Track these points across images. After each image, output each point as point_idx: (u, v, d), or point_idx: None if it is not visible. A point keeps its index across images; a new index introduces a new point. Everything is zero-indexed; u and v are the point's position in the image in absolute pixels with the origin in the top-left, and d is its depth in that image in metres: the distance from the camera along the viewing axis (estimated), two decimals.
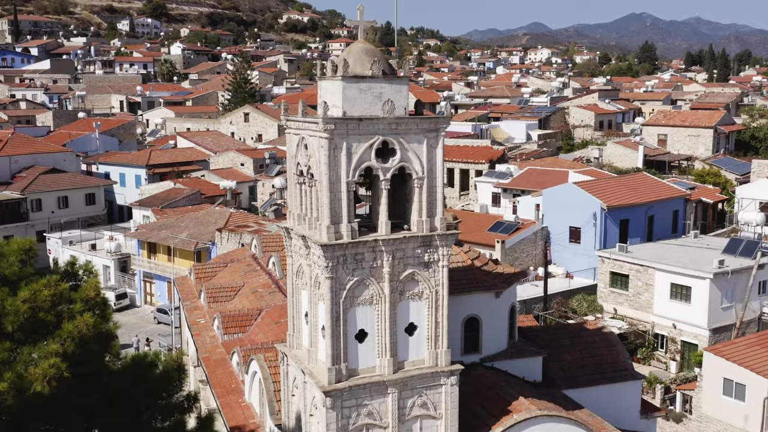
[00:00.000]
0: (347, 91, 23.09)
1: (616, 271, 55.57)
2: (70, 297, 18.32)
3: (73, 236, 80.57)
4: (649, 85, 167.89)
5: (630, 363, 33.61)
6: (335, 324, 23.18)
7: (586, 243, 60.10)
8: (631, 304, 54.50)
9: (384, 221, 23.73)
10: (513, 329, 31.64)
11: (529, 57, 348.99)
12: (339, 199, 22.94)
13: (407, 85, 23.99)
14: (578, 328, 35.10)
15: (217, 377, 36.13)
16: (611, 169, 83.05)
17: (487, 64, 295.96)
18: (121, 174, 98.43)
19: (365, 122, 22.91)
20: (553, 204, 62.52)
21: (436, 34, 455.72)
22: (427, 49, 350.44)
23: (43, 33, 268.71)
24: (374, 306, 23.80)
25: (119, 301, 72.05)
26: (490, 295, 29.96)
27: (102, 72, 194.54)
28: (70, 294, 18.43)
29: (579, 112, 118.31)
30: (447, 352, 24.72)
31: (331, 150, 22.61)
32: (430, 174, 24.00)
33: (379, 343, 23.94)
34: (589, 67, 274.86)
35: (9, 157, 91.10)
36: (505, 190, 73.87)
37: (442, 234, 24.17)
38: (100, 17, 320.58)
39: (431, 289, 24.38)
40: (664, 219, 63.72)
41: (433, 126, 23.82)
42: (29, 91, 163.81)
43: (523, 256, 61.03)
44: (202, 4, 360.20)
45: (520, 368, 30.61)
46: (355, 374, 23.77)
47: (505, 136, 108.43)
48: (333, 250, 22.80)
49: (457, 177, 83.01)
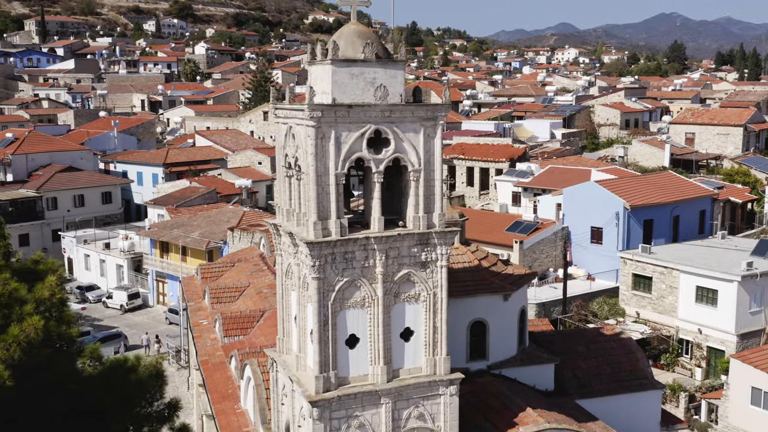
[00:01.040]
0: (337, 76, 21.30)
1: (639, 273, 53.26)
2: (23, 298, 16.69)
3: (88, 235, 79.63)
4: (677, 84, 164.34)
5: (650, 371, 31.50)
6: (323, 328, 21.39)
7: (608, 244, 57.82)
8: (655, 308, 52.16)
9: (376, 217, 21.90)
10: (523, 334, 29.69)
11: (556, 57, 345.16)
12: (327, 192, 21.14)
13: (403, 70, 22.12)
14: (594, 334, 33.02)
15: (215, 382, 34.55)
16: (636, 169, 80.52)
17: (514, 64, 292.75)
18: (138, 172, 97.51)
19: (355, 109, 21.09)
20: (574, 203, 60.30)
21: (462, 34, 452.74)
22: (453, 49, 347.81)
23: (70, 34, 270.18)
24: (366, 309, 21.98)
25: (131, 301, 70.97)
26: (498, 297, 28.05)
27: (125, 72, 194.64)
28: (23, 294, 16.80)
29: (604, 111, 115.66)
30: (446, 360, 22.84)
31: (318, 139, 20.83)
32: (428, 166, 22.13)
33: (372, 350, 22.12)
34: (617, 67, 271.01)
35: (26, 155, 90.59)
36: (526, 190, 71.71)
37: (440, 231, 22.28)
38: (126, 18, 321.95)
39: (429, 291, 22.51)
40: (690, 219, 61.22)
41: (430, 114, 21.92)
42: (53, 90, 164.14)
43: (543, 257, 58.88)
44: (228, 5, 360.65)
45: (531, 376, 28.66)
46: (345, 383, 21.96)
47: (529, 135, 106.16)
48: (320, 248, 21.02)
49: (477, 176, 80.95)
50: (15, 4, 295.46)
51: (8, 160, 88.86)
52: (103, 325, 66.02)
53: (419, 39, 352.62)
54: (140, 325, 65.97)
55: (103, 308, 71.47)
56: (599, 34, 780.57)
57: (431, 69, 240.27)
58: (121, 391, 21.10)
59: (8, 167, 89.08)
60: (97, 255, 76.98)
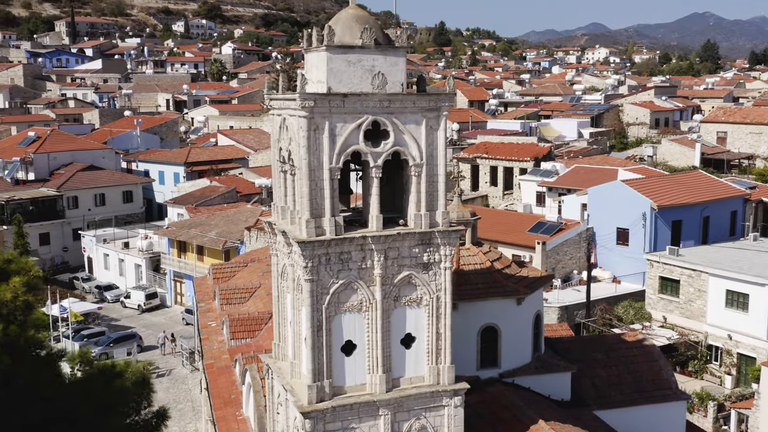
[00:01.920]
0: (333, 64, 19.84)
1: (666, 276, 51.22)
2: None
3: (107, 234, 79.05)
4: (709, 83, 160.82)
5: (674, 380, 29.64)
6: (317, 334, 19.95)
7: (634, 245, 55.80)
8: (683, 312, 50.10)
9: (374, 215, 20.40)
10: (538, 340, 28.05)
11: (586, 56, 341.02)
12: (321, 188, 19.69)
13: (404, 57, 20.59)
14: (615, 340, 31.19)
15: (218, 386, 33.27)
16: (666, 168, 78.23)
17: (543, 63, 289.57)
18: (160, 171, 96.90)
19: (351, 99, 19.60)
20: (599, 203, 58.34)
21: (492, 35, 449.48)
22: (482, 49, 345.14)
23: (100, 34, 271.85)
24: (364, 313, 20.50)
25: (149, 301, 70.22)
26: (511, 301, 26.48)
27: (152, 72, 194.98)
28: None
29: (634, 110, 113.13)
30: (450, 368, 21.28)
31: (310, 131, 19.38)
32: (430, 160, 20.59)
33: (370, 357, 20.63)
34: (648, 66, 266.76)
35: (47, 154, 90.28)
36: (550, 189, 69.75)
37: (444, 231, 20.72)
38: (156, 19, 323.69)
39: (431, 294, 20.98)
40: (720, 220, 58.96)
41: (433, 104, 20.37)
42: (80, 90, 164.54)
43: (566, 258, 57.02)
44: (256, 6, 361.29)
45: (546, 385, 27.01)
46: (341, 392, 20.50)
47: (555, 134, 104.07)
48: (313, 247, 19.57)
49: (501, 175, 79.17)
50: (46, 6, 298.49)
51: (30, 158, 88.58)
52: (119, 326, 65.32)
53: (447, 39, 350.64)
54: (157, 325, 65.16)
55: (121, 308, 70.83)
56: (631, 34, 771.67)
57: (459, 69, 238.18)
58: (102, 399, 19.82)
59: (30, 166, 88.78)
60: (116, 254, 76.36)
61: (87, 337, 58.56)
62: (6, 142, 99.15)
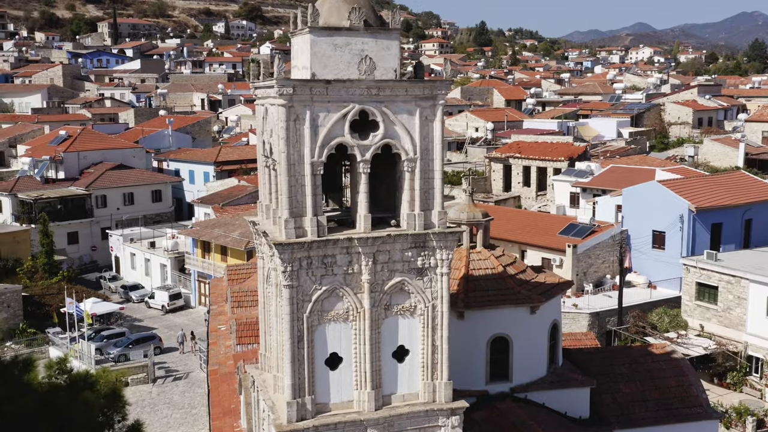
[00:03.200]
0: (317, 47, 17.94)
1: (703, 282, 48.41)
2: None
3: (134, 233, 78.31)
4: (756, 82, 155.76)
5: (705, 397, 27.18)
6: (297, 345, 18.07)
7: (671, 249, 53.04)
8: (721, 321, 47.29)
9: (362, 214, 18.44)
10: (555, 352, 25.87)
11: (630, 56, 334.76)
12: (301, 185, 17.79)
13: (398, 41, 18.60)
14: (641, 352, 28.78)
15: (219, 394, 31.71)
16: (707, 169, 75.00)
17: (585, 63, 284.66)
18: (190, 171, 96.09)
19: (335, 85, 17.67)
20: (634, 205, 55.65)
21: (534, 35, 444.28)
22: (523, 48, 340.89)
23: (141, 35, 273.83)
24: (351, 323, 18.58)
25: (173, 302, 69.16)
26: (524, 309, 24.37)
27: (190, 72, 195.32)
28: None
29: (676, 109, 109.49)
30: (447, 385, 19.25)
31: (289, 121, 17.51)
32: (425, 155, 18.58)
33: (357, 372, 18.69)
34: (693, 66, 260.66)
35: (78, 152, 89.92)
36: (585, 190, 67.10)
37: (440, 233, 18.68)
38: (197, 20, 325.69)
39: (427, 302, 18.97)
40: (764, 223, 55.80)
41: (428, 92, 18.35)
42: (117, 90, 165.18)
43: (599, 262, 54.45)
44: (296, 7, 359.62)
45: (562, 401, 24.84)
46: (325, 410, 18.59)
47: (594, 134, 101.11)
48: (292, 250, 17.70)
49: (534, 175, 76.60)
50: (89, 7, 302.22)
51: (60, 157, 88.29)
52: (142, 326, 64.26)
53: (488, 39, 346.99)
54: (180, 326, 63.97)
55: (146, 308, 69.87)
56: (677, 34, 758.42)
57: (498, 68, 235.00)
58: (66, 413, 18.18)
59: (60, 165, 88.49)
60: (142, 254, 75.53)
61: (107, 338, 57.62)
62: (37, 141, 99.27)
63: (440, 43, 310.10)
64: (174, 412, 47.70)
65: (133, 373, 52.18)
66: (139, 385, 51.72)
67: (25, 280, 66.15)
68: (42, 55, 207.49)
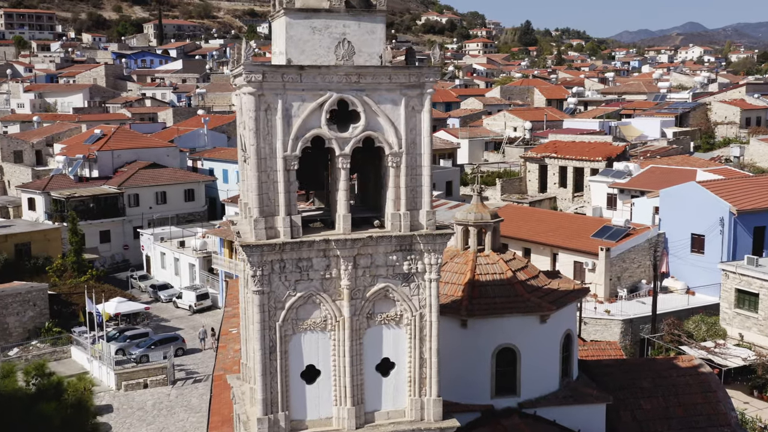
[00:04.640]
0: (293, 30, 16.37)
1: (743, 289, 45.78)
2: None
3: (165, 233, 77.79)
4: None
5: (734, 415, 24.98)
6: (269, 356, 16.51)
7: (710, 253, 50.47)
8: (762, 330, 44.65)
9: (341, 214, 16.80)
10: (569, 364, 23.93)
11: (680, 56, 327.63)
12: (273, 181, 16.23)
13: (383, 24, 16.95)
14: (666, 365, 26.62)
15: (221, 402, 30.33)
16: (753, 170, 71.90)
17: (632, 63, 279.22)
18: (224, 170, 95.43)
19: (310, 71, 16.06)
20: (672, 207, 53.14)
21: (582, 35, 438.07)
22: (569, 48, 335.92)
23: (186, 36, 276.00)
24: (329, 333, 16.97)
25: (200, 302, 68.31)
26: (533, 318, 22.50)
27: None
28: None
29: (722, 108, 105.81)
30: (437, 402, 17.52)
31: (259, 111, 15.96)
32: (412, 149, 16.87)
33: (337, 386, 17.06)
34: (745, 65, 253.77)
35: (111, 151, 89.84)
36: (622, 191, 64.60)
37: (427, 234, 16.96)
38: (241, 21, 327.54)
39: (413, 311, 17.27)
40: None
41: (414, 80, 16.64)
42: (159, 90, 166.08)
43: (634, 266, 52.05)
44: None
45: (575, 418, 22.89)
46: (301, 428, 17.00)
47: (637, 134, 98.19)
48: (261, 252, 16.15)
49: (570, 176, 74.17)
50: (136, 9, 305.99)
51: (94, 156, 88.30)
52: (168, 327, 63.51)
53: (533, 38, 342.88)
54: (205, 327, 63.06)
55: (173, 308, 69.19)
56: (729, 34, 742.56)
57: (542, 68, 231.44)
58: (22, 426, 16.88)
59: (94, 163, 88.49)
60: (172, 253, 74.95)
61: (130, 339, 56.95)
62: (73, 140, 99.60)
63: (484, 42, 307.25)
64: (191, 416, 46.59)
65: (153, 374, 51.31)
66: (158, 386, 50.84)
67: (54, 278, 65.95)
68: (88, 55, 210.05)
